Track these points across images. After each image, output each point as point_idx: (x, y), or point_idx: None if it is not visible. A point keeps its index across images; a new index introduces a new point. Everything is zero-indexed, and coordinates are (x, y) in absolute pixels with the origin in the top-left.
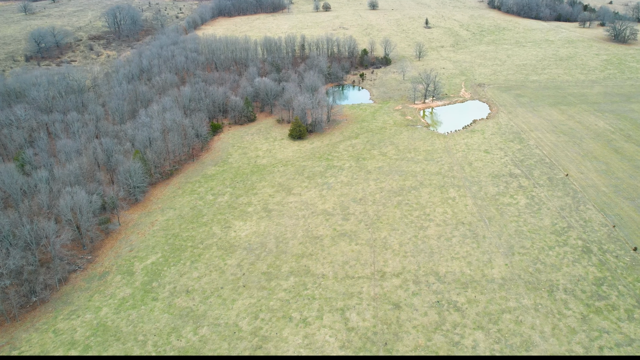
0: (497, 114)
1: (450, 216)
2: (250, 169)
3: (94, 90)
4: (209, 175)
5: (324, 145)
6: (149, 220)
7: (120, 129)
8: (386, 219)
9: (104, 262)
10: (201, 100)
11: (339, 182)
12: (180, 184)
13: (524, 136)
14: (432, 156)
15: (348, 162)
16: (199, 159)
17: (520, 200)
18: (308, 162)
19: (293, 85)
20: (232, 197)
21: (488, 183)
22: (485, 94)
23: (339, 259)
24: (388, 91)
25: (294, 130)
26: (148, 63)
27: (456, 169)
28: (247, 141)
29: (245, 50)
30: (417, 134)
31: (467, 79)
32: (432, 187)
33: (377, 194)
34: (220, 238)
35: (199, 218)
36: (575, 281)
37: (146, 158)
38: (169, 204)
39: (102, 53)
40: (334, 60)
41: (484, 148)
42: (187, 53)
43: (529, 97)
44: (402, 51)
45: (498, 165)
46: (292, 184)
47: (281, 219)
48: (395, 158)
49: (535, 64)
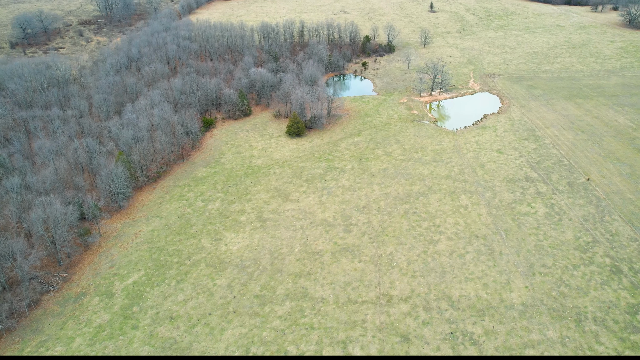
0: (509, 108)
1: (462, 228)
2: (244, 171)
3: (79, 82)
4: (199, 178)
5: (324, 143)
6: (132, 231)
7: (105, 126)
8: (392, 230)
9: (81, 280)
10: (193, 94)
11: (340, 186)
12: (168, 188)
13: (539, 134)
14: (440, 156)
15: (350, 163)
16: (190, 159)
17: (539, 209)
18: (307, 163)
19: (291, 77)
20: (224, 203)
21: (503, 188)
22: (495, 85)
23: (341, 279)
24: (392, 82)
25: (291, 127)
26: (138, 52)
27: (467, 171)
28: (241, 138)
29: (240, 38)
30: (424, 131)
31: (475, 68)
32: (441, 193)
33: (382, 201)
34: (209, 253)
35: (187, 228)
36: (605, 308)
37: (131, 160)
38: (155, 211)
39: (92, 39)
40: (334, 48)
41: (496, 147)
42: (179, 41)
43: (542, 88)
44: (406, 37)
45: (513, 168)
46: (290, 189)
47: (277, 230)
48: (401, 159)
49: (546, 52)
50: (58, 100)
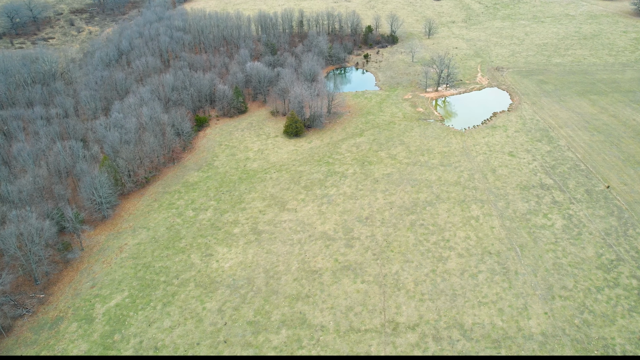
0: (520, 105)
1: (474, 243)
2: (238, 176)
3: (65, 77)
4: (190, 184)
5: (324, 144)
6: (117, 244)
7: (90, 127)
8: (398, 245)
9: (59, 302)
10: (185, 90)
11: (341, 194)
12: (157, 195)
13: (553, 134)
14: (448, 160)
15: (352, 167)
16: (181, 162)
17: (556, 221)
18: (305, 167)
19: (289, 71)
20: (217, 213)
21: (516, 197)
22: (504, 80)
23: (342, 303)
24: (395, 76)
25: (289, 127)
26: (128, 44)
27: (477, 177)
28: (236, 138)
29: (237, 29)
30: (430, 131)
31: (483, 61)
32: (450, 202)
33: (386, 211)
34: (199, 271)
35: (175, 242)
36: (635, 340)
37: (117, 165)
38: (142, 221)
39: (83, 29)
40: (335, 39)
41: (508, 150)
42: (172, 32)
43: (553, 84)
44: (409, 27)
45: (526, 173)
46: (287, 196)
47: (273, 245)
48: (406, 162)
49: (557, 44)
50: (43, 97)
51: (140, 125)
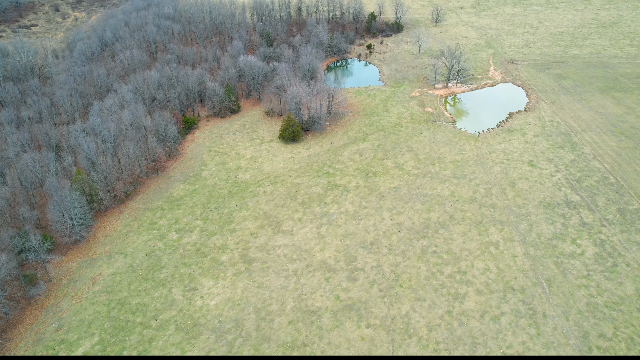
0: (537, 105)
1: (494, 276)
2: (228, 189)
3: (43, 73)
4: (175, 199)
5: (324, 151)
6: (89, 274)
7: (67, 132)
8: (407, 279)
9: (18, 350)
10: (172, 88)
11: (342, 212)
12: (138, 212)
13: (576, 139)
14: (462, 171)
15: (354, 179)
16: (165, 172)
17: (587, 249)
18: (303, 179)
19: (286, 67)
20: (203, 235)
21: (540, 217)
22: (519, 75)
23: (344, 353)
24: (401, 69)
25: (285, 131)
26: (113, 35)
27: (495, 192)
28: (227, 143)
29: (230, 17)
30: (440, 135)
31: (495, 52)
32: (466, 223)
33: (394, 235)
34: (181, 310)
35: (155, 272)
36: None
37: (92, 180)
38: (120, 245)
39: (69, 15)
40: (335, 28)
41: (527, 158)
42: (161, 21)
43: (572, 79)
44: (415, 13)
45: (549, 187)
46: (282, 215)
47: (265, 277)
48: (415, 173)
49: (573, 32)
50: (15, 97)
51: (120, 131)
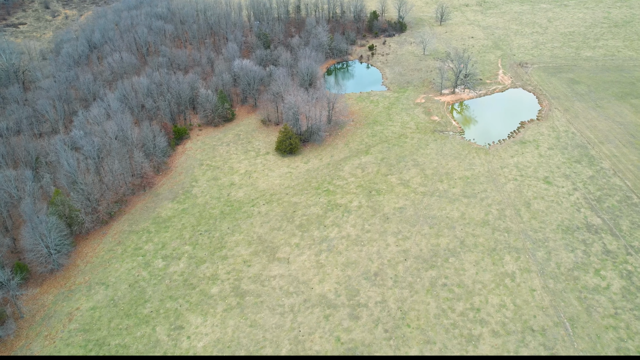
0: (550, 113)
1: (511, 314)
2: (220, 208)
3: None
4: (162, 220)
5: (323, 165)
6: (66, 309)
7: (47, 146)
8: (415, 317)
9: None
10: (162, 95)
11: (343, 237)
12: (122, 235)
13: (594, 152)
14: (472, 188)
15: (356, 198)
16: (153, 188)
17: (613, 282)
18: (301, 197)
19: (284, 72)
20: (192, 263)
21: (559, 244)
22: (529, 79)
23: None
24: (405, 72)
25: (282, 144)
26: (101, 36)
27: (509, 214)
28: (220, 156)
29: (225, 17)
30: (448, 147)
31: (503, 54)
32: (478, 250)
33: (400, 264)
34: (165, 352)
35: (139, 306)
36: None
37: (72, 201)
38: (101, 274)
39: (59, 13)
40: (336, 27)
41: (542, 174)
42: (152, 21)
43: (586, 83)
44: (419, 12)
45: (567, 208)
46: (278, 240)
47: (259, 314)
48: (422, 191)
49: (585, 33)
50: None
51: (105, 145)
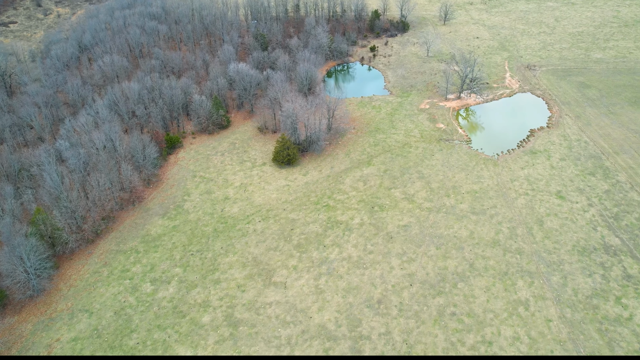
0: (561, 120)
1: (526, 348)
2: (213, 226)
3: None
4: (152, 238)
5: (323, 178)
6: (46, 340)
7: (30, 158)
8: (422, 350)
9: None
10: (154, 101)
11: (344, 258)
12: (109, 255)
13: (608, 164)
14: (481, 204)
15: (358, 215)
16: (143, 202)
17: (636, 311)
18: (299, 214)
19: (281, 77)
20: (182, 287)
21: (575, 267)
22: (538, 83)
23: None
24: (408, 75)
25: (279, 154)
26: (92, 37)
27: (521, 233)
28: (214, 167)
29: (220, 18)
30: (454, 157)
31: (510, 56)
32: (489, 274)
33: (405, 290)
34: None
35: (124, 337)
36: None
37: (55, 220)
38: (85, 300)
39: (51, 11)
40: (336, 27)
41: (555, 188)
42: (145, 21)
43: (597, 87)
44: (422, 10)
45: (583, 227)
46: (274, 261)
47: (253, 346)
48: (428, 207)
49: (594, 33)
50: None
51: (91, 156)
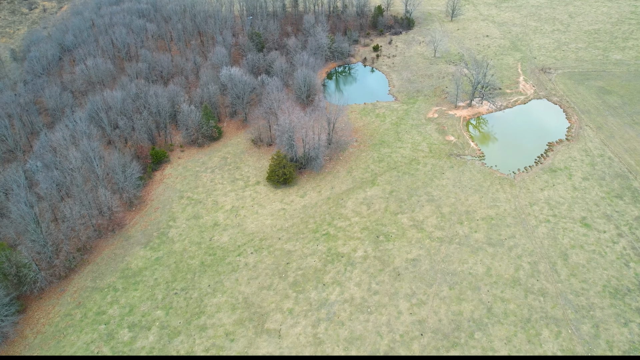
0: (581, 131)
1: None
2: (200, 258)
3: None
4: (132, 273)
5: (323, 200)
6: None
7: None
8: None
9: None
10: (139, 112)
11: (346, 300)
12: (83, 293)
13: (637, 184)
14: (498, 233)
15: (361, 245)
16: (124, 229)
17: None
18: (296, 244)
19: (277, 84)
20: (163, 335)
21: (607, 313)
22: (554, 88)
23: None
24: (414, 78)
25: (274, 174)
26: (75, 38)
27: (544, 269)
28: (203, 186)
29: (214, 14)
30: (467, 176)
31: (523, 57)
32: (509, 321)
33: (415, 341)
34: None
35: None
36: None
37: (21, 257)
38: (53, 350)
39: (37, 5)
40: (337, 23)
41: (579, 214)
42: (133, 19)
43: (618, 93)
44: (428, 5)
45: (613, 262)
46: (268, 303)
47: None
48: (439, 237)
49: (611, 31)
50: None
51: (66, 177)
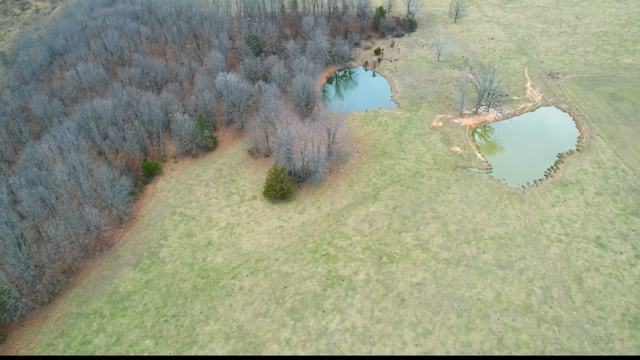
0: (592, 141)
1: None
2: (193, 281)
3: None
4: (120, 298)
5: (322, 217)
6: None
7: None
8: None
9: None
10: (130, 122)
11: (347, 329)
12: (67, 320)
13: None
14: (508, 254)
15: (363, 267)
16: (113, 248)
17: None
18: (294, 266)
19: (275, 92)
20: None
21: (627, 345)
22: (563, 94)
23: None
24: (418, 83)
25: (271, 188)
26: (65, 41)
27: (557, 295)
28: (197, 200)
29: (210, 16)
30: (474, 190)
31: (530, 61)
32: (522, 353)
33: None
34: None
35: None
36: None
37: (0, 284)
38: None
39: (29, 5)
40: (337, 25)
41: (593, 233)
42: (126, 22)
43: (630, 100)
44: (430, 6)
45: (632, 287)
46: (263, 332)
47: None
48: (445, 258)
49: (620, 33)
50: None
51: (51, 196)
